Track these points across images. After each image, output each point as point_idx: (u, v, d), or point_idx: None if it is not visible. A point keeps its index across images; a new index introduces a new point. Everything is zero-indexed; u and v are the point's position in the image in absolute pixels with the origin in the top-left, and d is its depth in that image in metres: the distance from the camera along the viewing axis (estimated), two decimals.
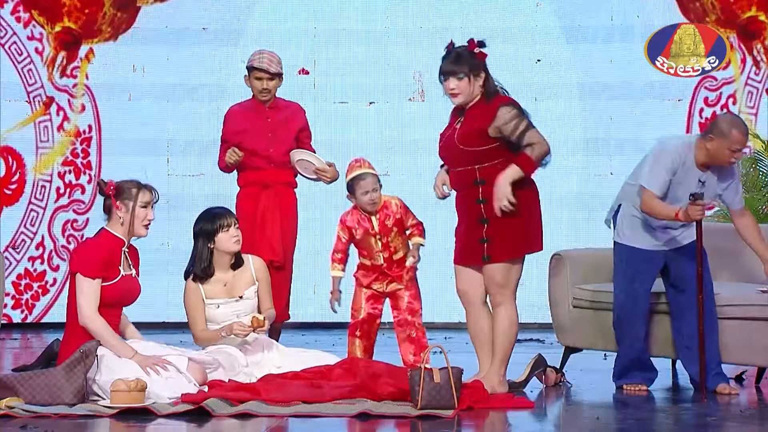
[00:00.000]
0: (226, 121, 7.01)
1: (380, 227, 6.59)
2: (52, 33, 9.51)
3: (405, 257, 6.67)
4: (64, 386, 5.74)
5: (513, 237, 6.09)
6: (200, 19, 9.47)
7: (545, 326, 8.47)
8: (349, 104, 9.47)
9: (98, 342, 5.84)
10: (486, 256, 6.10)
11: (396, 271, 6.66)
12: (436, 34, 9.32)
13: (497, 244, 6.08)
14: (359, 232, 6.64)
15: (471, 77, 6.06)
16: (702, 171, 6.29)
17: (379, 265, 6.63)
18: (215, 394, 5.79)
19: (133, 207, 5.96)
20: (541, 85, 9.39)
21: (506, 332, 6.17)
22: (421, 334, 6.71)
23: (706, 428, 5.42)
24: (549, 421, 5.82)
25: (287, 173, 6.96)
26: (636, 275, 6.38)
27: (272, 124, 6.94)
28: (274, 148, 6.91)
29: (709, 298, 6.30)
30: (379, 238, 6.58)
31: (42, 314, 9.52)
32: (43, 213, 9.51)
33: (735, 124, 6.26)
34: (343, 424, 5.48)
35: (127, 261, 6.02)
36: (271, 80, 6.90)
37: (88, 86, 9.50)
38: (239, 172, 6.98)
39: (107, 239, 5.99)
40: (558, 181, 9.33)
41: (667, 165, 6.23)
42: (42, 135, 9.52)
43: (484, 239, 6.08)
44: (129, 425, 5.44)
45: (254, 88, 6.93)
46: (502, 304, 6.17)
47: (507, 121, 6.02)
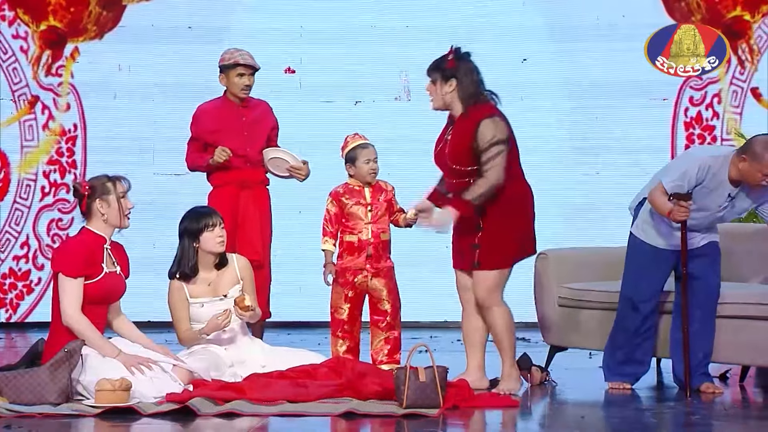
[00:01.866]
0: (198, 120, 7.05)
1: (372, 198, 6.58)
2: (37, 31, 9.48)
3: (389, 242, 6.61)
4: (49, 386, 5.73)
5: (504, 245, 6.15)
6: (186, 18, 9.46)
7: (531, 325, 8.46)
8: (334, 103, 9.47)
9: (83, 341, 5.83)
10: (476, 262, 6.16)
11: (381, 262, 6.62)
12: (422, 34, 9.33)
13: (488, 251, 6.14)
14: (350, 201, 6.61)
15: (439, 82, 6.17)
16: (733, 187, 6.22)
17: (366, 242, 6.60)
18: (200, 393, 5.78)
19: (116, 199, 5.97)
20: (528, 84, 9.40)
21: (505, 332, 6.22)
22: (398, 333, 6.70)
23: (691, 427, 5.43)
24: (534, 420, 5.83)
25: (262, 172, 7.01)
26: (645, 272, 6.36)
27: (247, 123, 6.99)
28: (250, 147, 6.96)
29: (712, 299, 6.29)
30: (369, 210, 6.56)
31: (26, 313, 9.49)
32: (27, 212, 9.49)
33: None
34: (328, 424, 5.48)
35: (110, 258, 6.01)
36: (252, 76, 6.97)
37: (73, 85, 9.47)
38: (213, 171, 7.00)
39: (89, 237, 5.98)
40: (544, 181, 9.32)
41: (691, 173, 6.16)
42: (27, 134, 9.49)
43: (476, 245, 6.14)
44: (114, 425, 5.43)
45: (235, 86, 6.97)
46: (491, 308, 6.21)
47: (483, 145, 6.08)
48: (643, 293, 6.37)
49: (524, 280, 7.28)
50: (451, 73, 6.14)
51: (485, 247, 6.12)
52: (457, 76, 6.13)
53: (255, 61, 7.02)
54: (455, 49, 6.20)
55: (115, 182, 6.02)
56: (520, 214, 6.17)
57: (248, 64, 6.97)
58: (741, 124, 9.28)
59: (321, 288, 6.81)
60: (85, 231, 6.02)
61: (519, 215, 6.17)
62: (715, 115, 9.34)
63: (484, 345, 6.32)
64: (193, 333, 6.28)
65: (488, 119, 6.09)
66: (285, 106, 8.81)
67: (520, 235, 6.18)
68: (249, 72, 6.97)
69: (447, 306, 6.32)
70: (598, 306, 6.73)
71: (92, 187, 5.99)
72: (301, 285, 8.91)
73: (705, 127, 9.32)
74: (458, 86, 6.13)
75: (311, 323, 8.92)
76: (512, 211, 6.14)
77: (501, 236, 6.12)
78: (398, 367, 6.01)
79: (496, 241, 6.12)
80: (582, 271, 6.96)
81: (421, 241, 8.03)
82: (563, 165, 9.37)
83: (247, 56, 7.00)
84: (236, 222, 6.90)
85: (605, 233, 9.00)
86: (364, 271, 6.62)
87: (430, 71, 6.21)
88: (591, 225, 9.24)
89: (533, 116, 9.34)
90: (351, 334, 6.66)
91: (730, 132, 9.29)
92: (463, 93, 6.14)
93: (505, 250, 6.14)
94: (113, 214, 5.97)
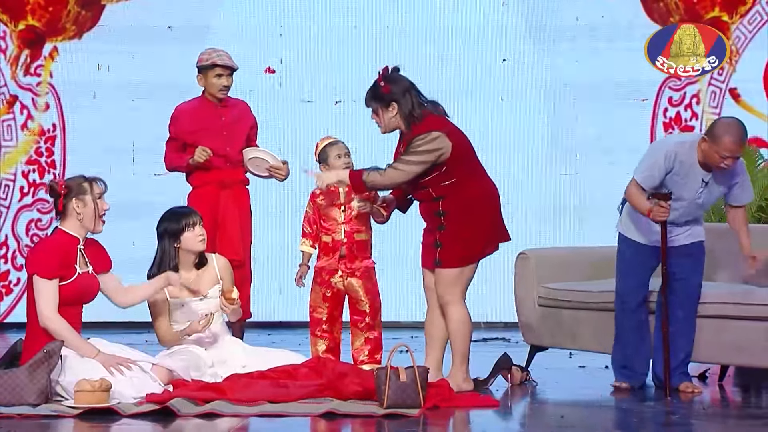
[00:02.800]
0: (176, 120, 7.03)
1: (346, 198, 6.57)
2: (16, 31, 9.44)
3: (367, 243, 6.61)
4: (28, 386, 5.70)
5: (465, 244, 6.21)
6: (165, 18, 9.43)
7: (511, 325, 8.49)
8: (314, 103, 9.46)
9: (62, 342, 5.80)
10: (438, 260, 6.22)
11: (356, 262, 6.62)
12: (402, 34, 9.33)
13: (449, 250, 6.21)
14: (325, 202, 6.61)
15: (380, 110, 6.23)
16: (706, 171, 6.21)
17: (340, 242, 6.58)
18: (180, 393, 5.76)
19: (93, 200, 5.95)
20: (507, 84, 9.41)
21: (459, 331, 6.26)
22: (378, 333, 6.70)
23: (671, 426, 5.44)
24: (514, 420, 5.83)
25: (241, 171, 7.00)
26: (631, 268, 6.38)
27: (226, 123, 6.99)
28: (230, 147, 6.95)
29: (693, 299, 6.29)
30: (343, 210, 6.56)
31: (5, 314, 9.45)
32: (6, 212, 9.44)
33: (729, 129, 6.11)
34: (309, 424, 5.47)
35: (83, 258, 5.99)
36: (230, 76, 6.97)
37: (52, 85, 9.43)
38: (192, 172, 6.98)
39: (63, 238, 5.96)
40: (524, 180, 9.36)
41: (659, 162, 6.18)
42: (5, 134, 9.45)
43: (438, 244, 6.21)
44: (93, 425, 5.41)
45: (213, 86, 6.96)
46: (450, 304, 6.25)
47: (409, 148, 6.16)
48: (630, 288, 6.39)
49: (505, 280, 7.29)
50: (389, 98, 6.21)
51: (447, 246, 6.20)
52: (396, 99, 6.21)
53: (233, 62, 7.01)
54: (384, 75, 6.23)
55: (92, 183, 6.01)
56: (481, 214, 6.25)
57: (226, 64, 6.96)
58: None
59: (301, 288, 6.80)
60: (58, 232, 5.99)
61: (480, 214, 6.24)
62: (694, 116, 9.37)
63: (444, 344, 6.34)
64: (173, 333, 6.26)
65: (423, 134, 6.17)
66: (264, 105, 8.82)
67: (482, 234, 6.24)
68: (227, 72, 6.97)
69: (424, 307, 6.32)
70: (578, 306, 6.74)
71: (69, 187, 5.97)
72: (281, 285, 8.90)
73: (684, 128, 9.35)
74: (399, 108, 6.21)
75: (291, 323, 8.91)
76: (474, 211, 6.22)
77: (462, 235, 6.20)
78: (379, 367, 6.00)
79: (458, 239, 6.20)
80: (562, 271, 6.97)
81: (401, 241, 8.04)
82: (542, 165, 9.38)
83: (225, 56, 6.99)
84: (216, 222, 6.89)
85: (585, 233, 9.03)
86: (339, 271, 6.62)
87: (369, 102, 6.27)
88: (570, 225, 9.25)
89: (513, 116, 9.36)
90: (330, 334, 6.65)
91: None
92: (405, 113, 6.21)
93: (465, 248, 6.21)
94: (89, 214, 5.95)
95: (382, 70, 6.27)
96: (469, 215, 6.21)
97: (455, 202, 6.21)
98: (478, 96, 9.38)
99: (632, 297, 6.38)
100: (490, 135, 9.27)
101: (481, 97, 9.42)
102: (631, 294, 6.38)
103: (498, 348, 7.69)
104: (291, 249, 7.20)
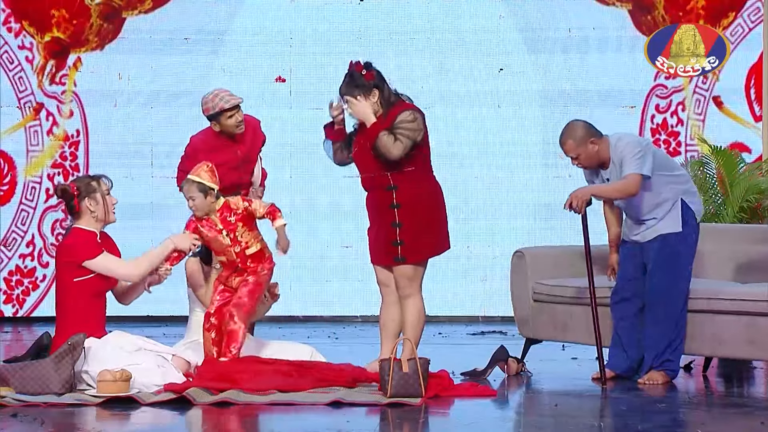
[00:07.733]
0: (193, 157, 6.53)
1: (223, 223, 6.22)
2: (42, 43, 9.46)
3: (262, 251, 6.26)
4: (53, 376, 5.71)
5: (424, 240, 6.17)
6: (182, 29, 9.45)
7: (507, 319, 8.49)
8: (325, 110, 9.43)
9: (85, 335, 5.82)
10: (401, 257, 6.17)
11: (251, 266, 6.26)
12: (407, 43, 9.35)
13: (410, 246, 6.15)
14: (207, 233, 6.24)
15: (362, 96, 6.16)
16: (603, 169, 6.35)
17: (234, 261, 6.26)
18: (197, 383, 5.78)
19: (102, 196, 5.98)
20: (504, 92, 9.42)
21: (416, 322, 6.24)
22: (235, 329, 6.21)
23: (658, 414, 5.44)
24: (511, 408, 5.83)
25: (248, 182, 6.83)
26: (621, 263, 6.43)
27: (242, 155, 6.69)
28: (245, 174, 6.71)
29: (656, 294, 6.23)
30: (226, 234, 6.24)
31: (32, 309, 9.47)
32: (33, 213, 9.46)
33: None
34: (318, 411, 5.47)
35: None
36: (239, 109, 6.60)
37: (76, 93, 9.45)
38: None
39: (83, 232, 5.99)
40: (520, 182, 9.36)
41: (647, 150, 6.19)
42: (32, 139, 9.47)
43: (399, 242, 6.16)
44: (114, 413, 5.42)
45: (230, 126, 6.58)
46: (411, 296, 6.23)
47: (402, 118, 6.08)
48: (617, 282, 6.41)
49: (501, 276, 7.29)
50: (372, 85, 6.16)
51: (409, 243, 6.14)
52: (377, 85, 6.17)
53: (236, 97, 6.61)
54: (363, 65, 6.18)
55: (99, 180, 6.05)
56: (438, 209, 6.22)
57: (232, 105, 6.56)
58: (703, 131, 9.30)
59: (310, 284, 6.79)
60: (76, 230, 6.00)
61: (437, 210, 6.21)
62: (679, 122, 9.36)
63: (397, 335, 6.29)
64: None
65: (408, 110, 6.13)
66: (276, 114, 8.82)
67: (437, 230, 6.21)
68: (236, 109, 6.58)
69: (426, 302, 6.31)
70: (571, 301, 6.74)
71: (79, 188, 6.00)
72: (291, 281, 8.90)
73: (670, 133, 9.35)
74: (380, 94, 6.16)
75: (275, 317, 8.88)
76: (431, 207, 6.18)
77: (420, 231, 6.16)
78: (383, 359, 6.01)
79: (420, 235, 6.16)
80: (555, 268, 6.96)
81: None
82: (537, 168, 9.38)
83: (227, 96, 6.58)
84: None
85: (576, 232, 9.02)
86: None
87: (350, 90, 6.14)
88: (563, 225, 9.25)
89: (509, 123, 9.36)
90: (218, 328, 6.18)
91: (693, 137, 9.32)
92: (386, 97, 6.17)
93: (425, 244, 6.18)
94: (101, 210, 6.00)
95: (356, 62, 6.20)
96: (426, 210, 6.15)
97: (409, 195, 6.12)
98: (477, 103, 9.40)
99: (619, 290, 6.39)
100: (488, 140, 9.29)
101: (480, 104, 9.43)
102: (619, 287, 6.40)
103: (495, 341, 7.69)
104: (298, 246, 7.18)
